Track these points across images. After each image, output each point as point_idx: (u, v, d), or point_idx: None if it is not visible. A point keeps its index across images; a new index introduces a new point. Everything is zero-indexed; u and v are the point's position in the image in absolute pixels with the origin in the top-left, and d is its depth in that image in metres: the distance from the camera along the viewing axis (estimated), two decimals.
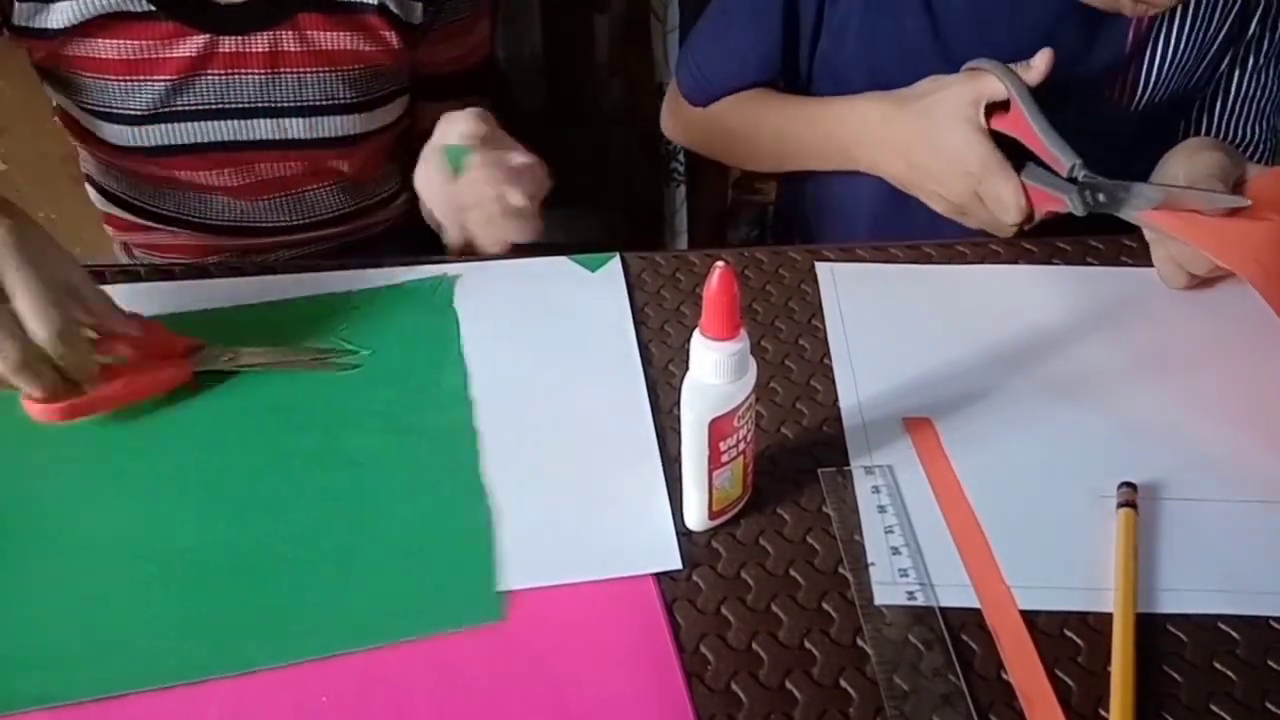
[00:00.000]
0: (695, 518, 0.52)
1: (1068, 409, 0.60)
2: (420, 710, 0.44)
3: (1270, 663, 0.46)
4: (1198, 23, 0.82)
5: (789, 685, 0.45)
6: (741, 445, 0.50)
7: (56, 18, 0.73)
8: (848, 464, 0.56)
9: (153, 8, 0.75)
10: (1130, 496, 0.53)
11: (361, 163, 0.91)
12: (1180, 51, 0.83)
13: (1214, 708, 0.45)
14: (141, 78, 0.78)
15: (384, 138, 0.89)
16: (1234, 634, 0.48)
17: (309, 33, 0.81)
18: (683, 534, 0.52)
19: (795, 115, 0.88)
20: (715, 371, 0.47)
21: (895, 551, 0.51)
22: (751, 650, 0.47)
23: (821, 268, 0.71)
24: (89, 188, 0.92)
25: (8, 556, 0.51)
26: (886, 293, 0.69)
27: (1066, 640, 0.47)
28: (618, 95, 1.28)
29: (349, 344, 0.64)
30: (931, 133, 0.75)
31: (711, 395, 0.48)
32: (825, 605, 0.49)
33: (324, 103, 0.85)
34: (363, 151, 0.89)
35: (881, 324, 0.66)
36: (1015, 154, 0.72)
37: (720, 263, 0.45)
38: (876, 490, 0.54)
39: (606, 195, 0.73)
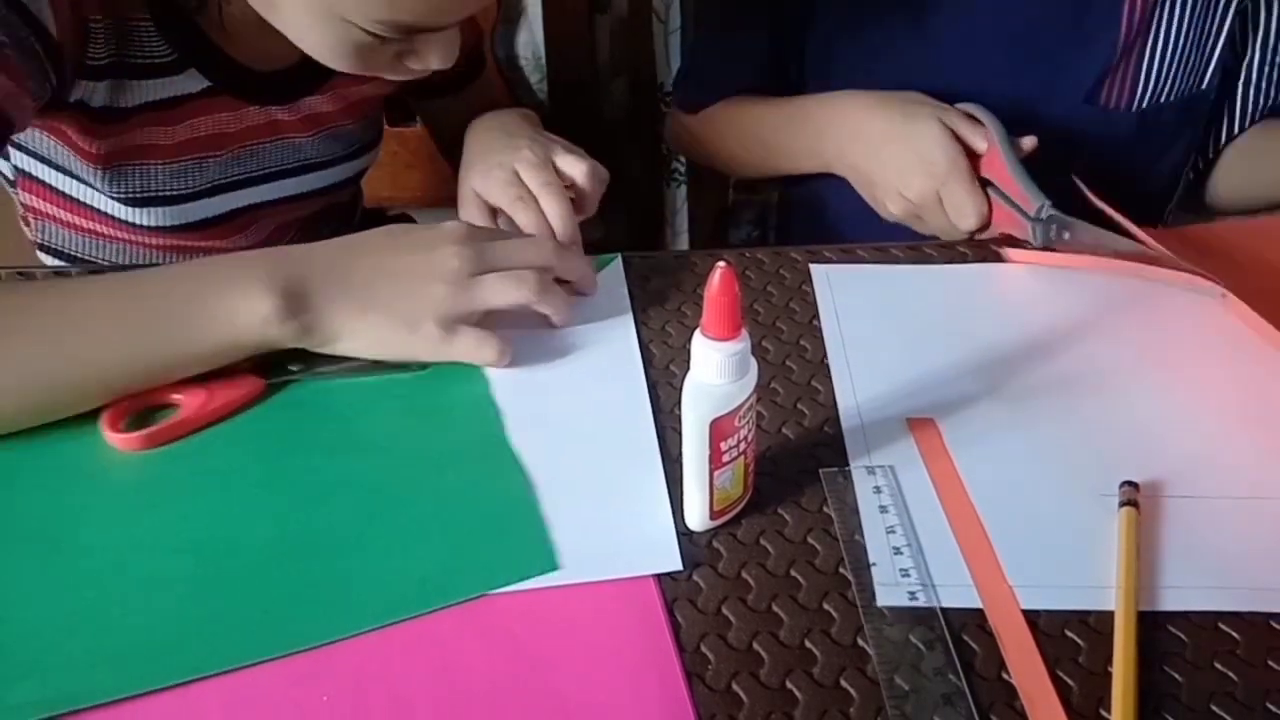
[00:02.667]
0: (696, 518, 0.52)
1: (1070, 408, 0.60)
2: (419, 710, 0.44)
3: (1270, 663, 0.46)
4: (1195, 13, 0.82)
5: (789, 685, 0.45)
6: (742, 445, 0.50)
7: (135, 95, 0.70)
8: (849, 464, 0.56)
9: (210, 83, 0.73)
10: (1132, 495, 0.53)
11: (356, 189, 0.93)
12: (1179, 47, 0.83)
13: (1214, 708, 0.45)
14: (196, 156, 0.76)
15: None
16: (1234, 634, 0.47)
17: (343, 90, 0.81)
18: (683, 534, 0.52)
19: (777, 111, 0.88)
20: (716, 372, 0.47)
21: (897, 552, 0.51)
22: (752, 650, 0.47)
23: (816, 270, 0.71)
24: (46, 258, 0.85)
25: (40, 559, 0.51)
26: (882, 293, 0.69)
27: (1067, 640, 0.47)
28: (618, 95, 1.28)
29: None
30: (906, 128, 0.76)
31: (713, 395, 0.48)
32: (826, 605, 0.49)
33: (348, 150, 0.87)
34: (355, 184, 0.92)
35: (877, 324, 0.66)
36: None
37: (721, 263, 0.45)
38: (878, 490, 0.54)
39: (607, 195, 0.73)
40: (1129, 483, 0.54)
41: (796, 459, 0.57)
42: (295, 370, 0.61)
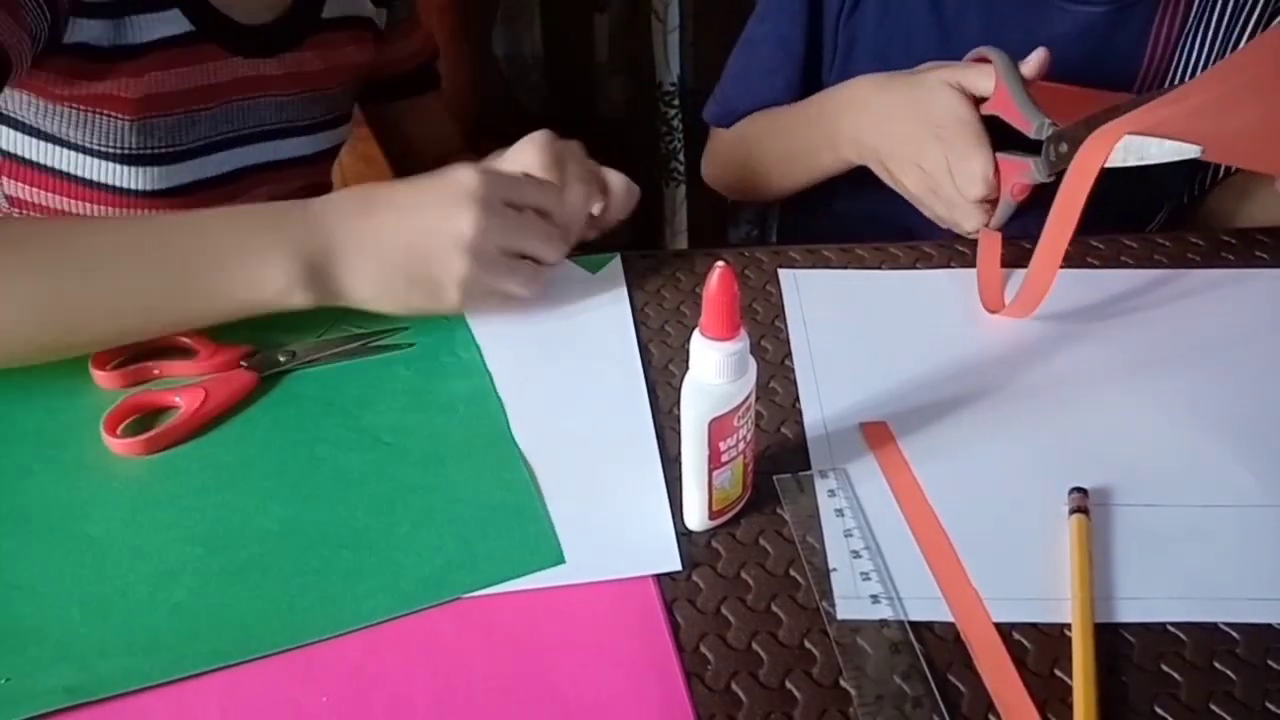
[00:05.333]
0: (695, 518, 0.52)
1: (1027, 414, 0.59)
2: (419, 710, 0.44)
3: (1270, 663, 0.46)
4: (1212, 56, 0.82)
5: (789, 685, 0.45)
6: (741, 445, 0.50)
7: (136, 31, 0.71)
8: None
9: (193, 27, 0.73)
10: (1081, 502, 0.52)
11: (326, 173, 0.93)
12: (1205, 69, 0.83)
13: (1214, 708, 0.45)
14: (189, 109, 0.76)
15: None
16: (1234, 635, 0.47)
17: (327, 50, 0.82)
18: (682, 534, 0.52)
19: (796, 113, 0.88)
20: (715, 371, 0.47)
21: (856, 556, 0.51)
22: (751, 650, 0.47)
23: (784, 274, 0.70)
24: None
25: (60, 553, 0.51)
26: (849, 298, 0.69)
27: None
28: (618, 95, 1.28)
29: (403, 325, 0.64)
30: (918, 97, 0.75)
31: (711, 395, 0.48)
32: (825, 605, 0.49)
33: (328, 116, 0.87)
34: (331, 161, 0.92)
35: (841, 329, 0.65)
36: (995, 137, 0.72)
37: (720, 263, 0.45)
38: (833, 494, 0.54)
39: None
40: (1078, 489, 0.53)
41: (796, 459, 0.57)
42: (284, 361, 0.61)
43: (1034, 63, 0.72)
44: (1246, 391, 0.61)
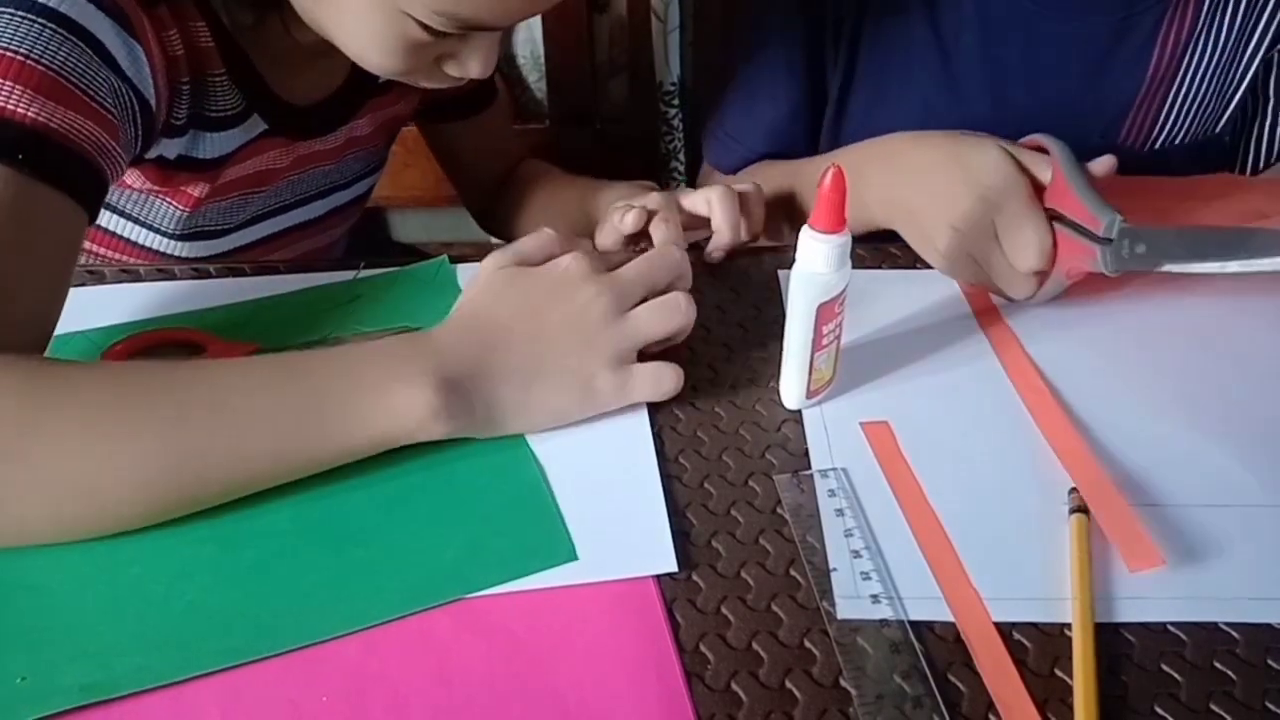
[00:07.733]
0: (794, 398, 0.59)
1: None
2: (418, 710, 0.44)
3: (1270, 663, 0.46)
4: (1221, 60, 0.82)
5: (789, 685, 0.45)
6: (837, 331, 0.57)
7: (211, 147, 0.72)
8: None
9: (267, 126, 0.74)
10: (1080, 501, 0.52)
11: (358, 213, 0.94)
12: (1202, 90, 0.82)
13: (1214, 708, 0.45)
14: (244, 193, 0.77)
15: None
16: (1234, 634, 0.47)
17: (378, 111, 0.83)
18: (680, 534, 0.52)
19: (812, 166, 0.82)
20: (823, 261, 0.54)
21: (856, 555, 0.51)
22: (751, 650, 0.47)
23: (784, 274, 0.70)
24: None
25: (75, 550, 0.51)
26: (851, 298, 0.68)
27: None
28: (618, 95, 1.28)
29: (409, 323, 0.64)
30: (962, 152, 0.66)
31: (818, 283, 0.54)
32: (825, 604, 0.49)
33: (369, 167, 0.88)
34: (364, 203, 0.93)
35: (846, 329, 0.65)
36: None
37: (834, 164, 0.52)
38: (833, 494, 0.54)
39: None
40: (1076, 489, 0.53)
41: (797, 460, 0.57)
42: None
43: (1103, 165, 0.65)
44: (1247, 391, 0.61)
